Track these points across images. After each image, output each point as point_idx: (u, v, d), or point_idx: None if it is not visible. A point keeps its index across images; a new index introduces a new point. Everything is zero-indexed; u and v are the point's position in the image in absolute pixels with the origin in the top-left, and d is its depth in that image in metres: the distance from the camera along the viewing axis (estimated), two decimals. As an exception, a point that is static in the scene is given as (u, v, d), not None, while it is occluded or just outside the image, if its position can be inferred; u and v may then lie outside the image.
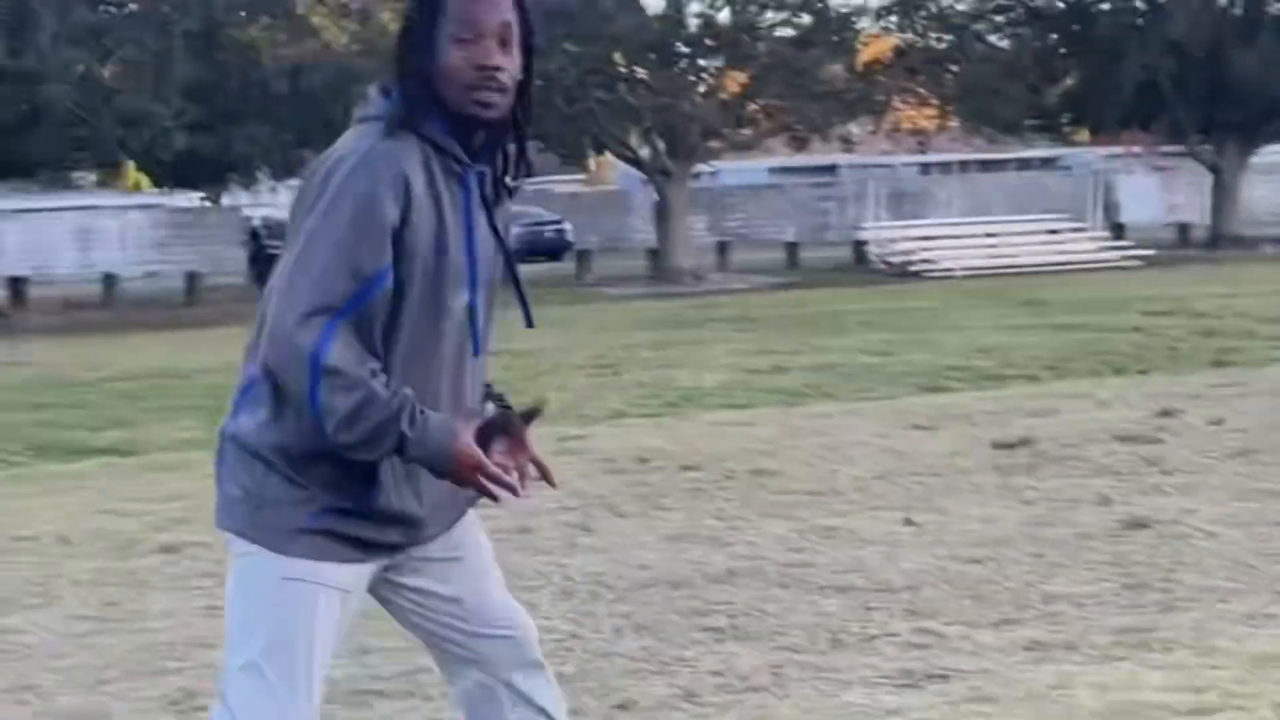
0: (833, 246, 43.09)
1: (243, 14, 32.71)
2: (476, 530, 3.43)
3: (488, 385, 3.38)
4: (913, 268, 33.80)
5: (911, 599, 6.15)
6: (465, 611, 3.37)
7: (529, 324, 3.32)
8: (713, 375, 14.75)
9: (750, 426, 11.05)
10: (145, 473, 9.96)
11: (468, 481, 3.09)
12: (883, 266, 35.21)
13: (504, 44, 3.13)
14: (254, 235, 43.89)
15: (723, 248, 39.63)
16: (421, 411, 3.03)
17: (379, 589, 3.34)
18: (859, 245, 38.50)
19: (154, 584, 6.87)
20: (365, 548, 3.19)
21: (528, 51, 3.18)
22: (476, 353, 3.23)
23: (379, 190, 3.01)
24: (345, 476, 3.10)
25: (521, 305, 3.34)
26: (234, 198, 53.47)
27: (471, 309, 3.18)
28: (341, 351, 2.98)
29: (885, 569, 6.63)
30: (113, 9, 32.75)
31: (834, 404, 12.43)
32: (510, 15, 3.14)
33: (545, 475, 3.30)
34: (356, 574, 3.22)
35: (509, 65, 3.13)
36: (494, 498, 3.12)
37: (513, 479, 3.12)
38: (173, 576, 6.95)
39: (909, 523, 7.52)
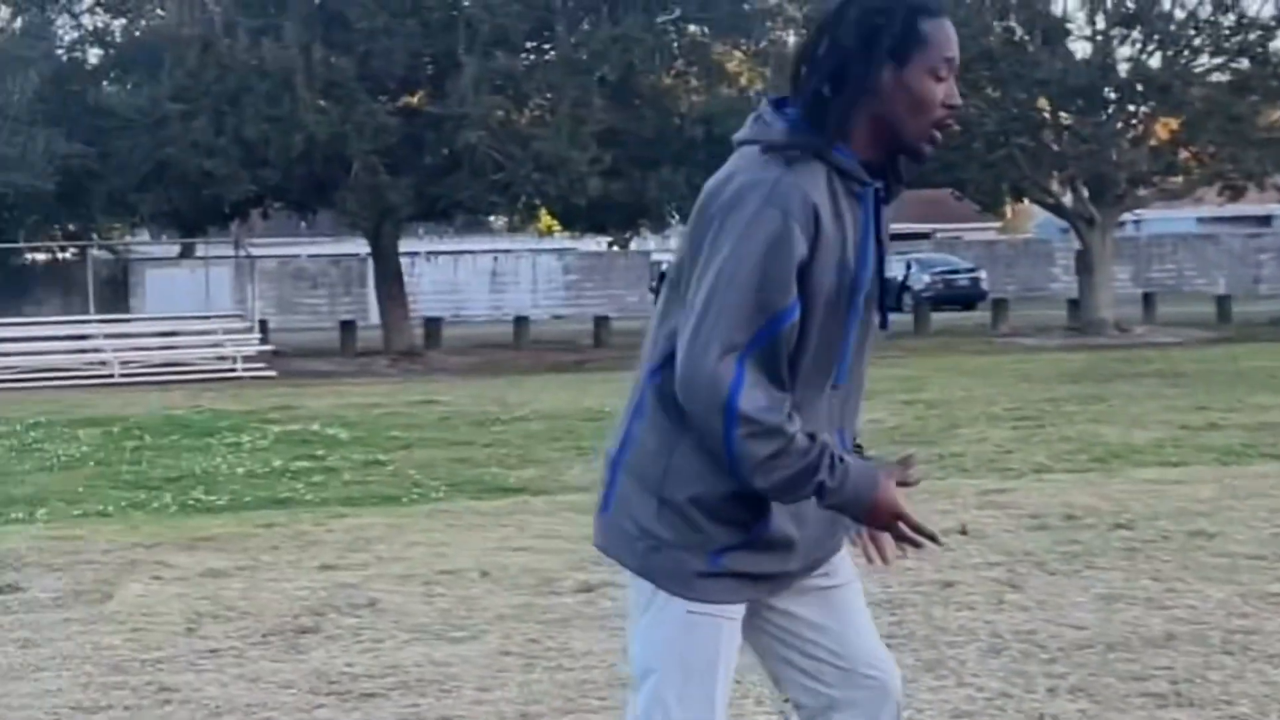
0: (1267, 300, 41.37)
1: (658, 60, 33.09)
2: (851, 564, 3.32)
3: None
4: (1357, 323, 32.33)
5: (1369, 673, 5.72)
6: (840, 646, 3.25)
7: (884, 326, 3.19)
8: (1143, 431, 14.22)
9: (1185, 485, 10.55)
10: (560, 511, 10.04)
11: (885, 529, 3.06)
12: (1323, 322, 33.74)
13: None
14: (662, 279, 44.66)
15: (1148, 299, 38.55)
16: (841, 459, 2.97)
17: (750, 617, 3.22)
18: (1297, 300, 36.89)
19: (574, 622, 6.86)
20: (761, 580, 3.13)
21: None
22: (841, 380, 3.10)
23: (790, 223, 2.93)
24: (737, 508, 3.04)
25: (881, 308, 3.17)
26: (642, 242, 54.42)
27: (848, 329, 3.07)
28: (755, 394, 2.92)
29: (1339, 640, 6.19)
30: (532, 56, 33.56)
31: (1275, 464, 11.80)
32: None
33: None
34: (751, 605, 3.18)
35: None
36: (916, 545, 3.08)
37: (934, 529, 3.09)
38: (591, 616, 6.93)
39: (1363, 592, 7.01)
